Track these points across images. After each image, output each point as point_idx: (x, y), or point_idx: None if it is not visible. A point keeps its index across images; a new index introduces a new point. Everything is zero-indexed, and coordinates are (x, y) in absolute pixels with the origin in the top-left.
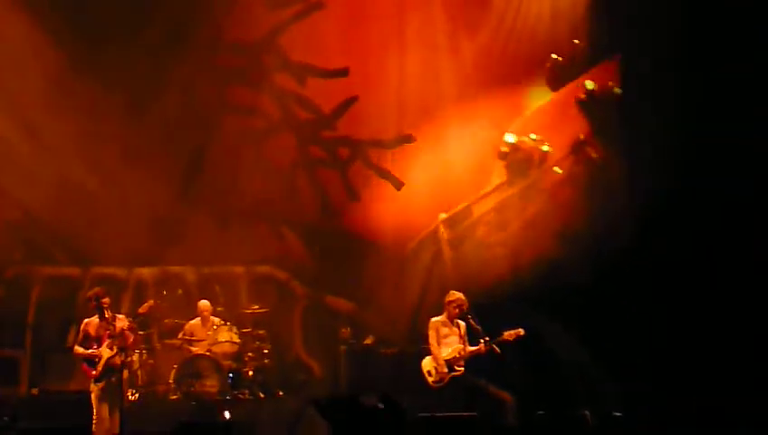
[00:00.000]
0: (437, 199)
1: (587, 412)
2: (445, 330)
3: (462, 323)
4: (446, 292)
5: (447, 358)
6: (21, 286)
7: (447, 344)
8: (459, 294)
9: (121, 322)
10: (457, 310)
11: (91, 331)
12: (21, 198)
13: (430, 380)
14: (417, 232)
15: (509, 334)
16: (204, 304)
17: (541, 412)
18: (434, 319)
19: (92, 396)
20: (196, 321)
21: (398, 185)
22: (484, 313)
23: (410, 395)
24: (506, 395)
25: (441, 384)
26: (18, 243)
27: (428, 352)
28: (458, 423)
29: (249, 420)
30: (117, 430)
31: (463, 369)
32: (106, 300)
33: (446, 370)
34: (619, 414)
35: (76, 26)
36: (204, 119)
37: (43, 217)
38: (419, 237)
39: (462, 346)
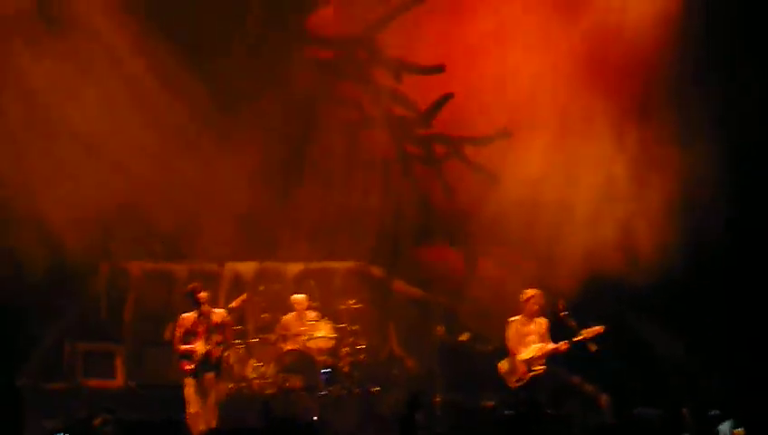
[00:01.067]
0: (532, 193)
1: (685, 410)
2: (524, 329)
3: (542, 321)
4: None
5: (525, 358)
6: (118, 280)
7: (527, 343)
8: (535, 291)
9: (218, 316)
10: (536, 307)
11: (189, 325)
12: (117, 191)
13: (510, 380)
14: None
15: (588, 332)
16: (297, 298)
17: (638, 410)
18: (512, 319)
19: (186, 390)
20: (291, 315)
21: (494, 180)
22: (578, 309)
23: (503, 392)
24: (601, 393)
25: (521, 383)
26: (114, 236)
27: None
28: (553, 421)
29: (343, 416)
30: (213, 423)
31: (543, 368)
32: (203, 294)
33: (525, 369)
34: (717, 412)
35: (178, 21)
36: (301, 112)
37: (139, 210)
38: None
39: (541, 344)
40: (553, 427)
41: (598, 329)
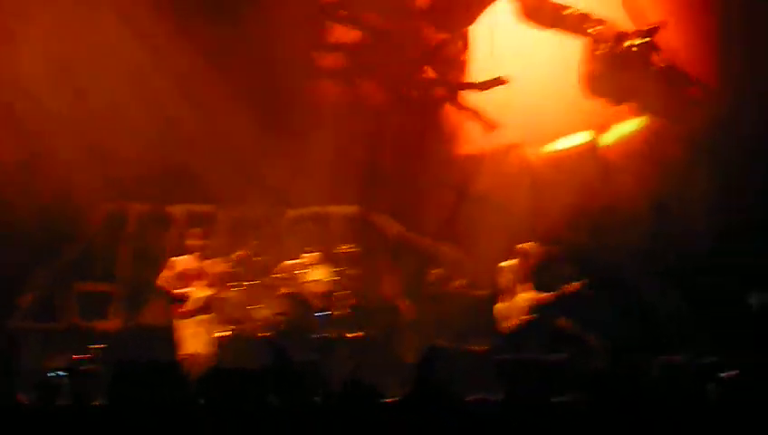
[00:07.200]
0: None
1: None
2: (514, 276)
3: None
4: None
5: (518, 305)
6: (115, 223)
7: (517, 290)
8: (532, 245)
9: (213, 265)
10: (531, 260)
11: (182, 269)
12: (114, 134)
13: (503, 324)
14: (510, 175)
15: (570, 288)
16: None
17: (633, 357)
18: (505, 264)
19: (179, 333)
20: (291, 262)
21: (490, 127)
22: (576, 258)
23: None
24: (594, 339)
25: (511, 329)
26: (112, 179)
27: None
28: (546, 366)
29: (338, 360)
30: (207, 366)
31: (532, 315)
32: (200, 242)
33: (516, 315)
34: (713, 359)
35: None
36: (297, 59)
37: (136, 154)
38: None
39: (532, 294)
40: (547, 372)
41: (578, 284)
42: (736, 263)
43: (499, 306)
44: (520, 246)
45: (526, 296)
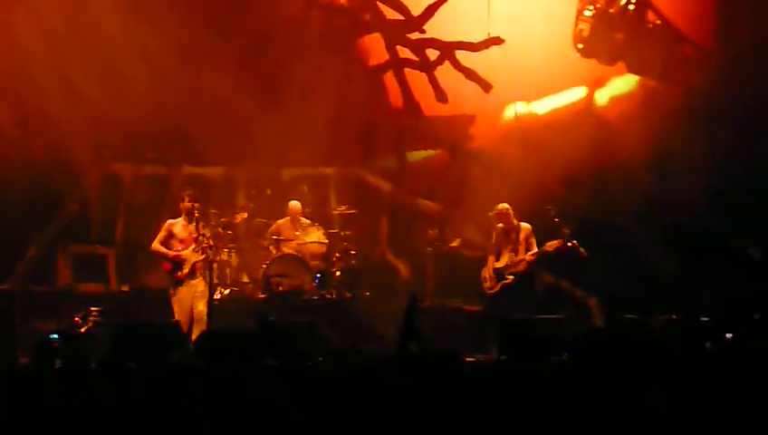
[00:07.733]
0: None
1: (674, 316)
2: (506, 237)
3: (525, 228)
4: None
5: (499, 266)
6: (111, 185)
7: (504, 252)
8: (503, 205)
9: (208, 227)
10: (506, 218)
11: (177, 232)
12: (110, 96)
13: (485, 285)
14: (504, 135)
15: (550, 245)
16: (294, 205)
17: (630, 316)
18: (498, 225)
19: (174, 298)
20: (284, 220)
21: (487, 87)
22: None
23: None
24: (591, 299)
25: (493, 291)
26: (105, 141)
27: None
28: (542, 325)
29: (335, 320)
30: (204, 326)
31: (512, 278)
32: (197, 205)
33: (496, 277)
34: (707, 319)
35: None
36: (289, 16)
37: (130, 116)
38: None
39: (513, 254)
40: (543, 332)
41: (556, 243)
42: (734, 222)
43: (484, 268)
44: (499, 206)
45: (505, 259)
